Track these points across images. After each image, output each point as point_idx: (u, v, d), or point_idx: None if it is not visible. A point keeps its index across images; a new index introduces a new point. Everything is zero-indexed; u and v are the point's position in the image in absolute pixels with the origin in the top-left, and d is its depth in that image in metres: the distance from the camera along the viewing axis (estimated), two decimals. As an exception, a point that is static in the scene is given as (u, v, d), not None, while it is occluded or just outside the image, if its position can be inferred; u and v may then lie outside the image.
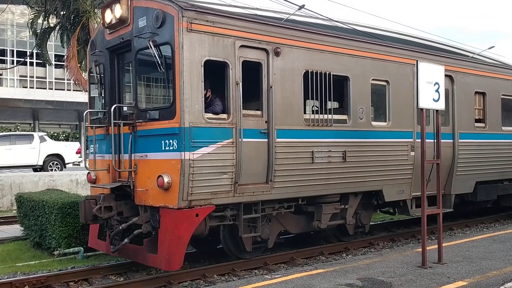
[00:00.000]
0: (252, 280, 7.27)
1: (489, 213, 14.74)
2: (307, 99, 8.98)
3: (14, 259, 10.11)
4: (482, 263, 7.87)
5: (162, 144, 7.61)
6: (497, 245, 9.35)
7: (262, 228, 8.70)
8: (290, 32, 8.69)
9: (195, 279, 8.25)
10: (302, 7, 22.45)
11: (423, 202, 7.94)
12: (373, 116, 10.07)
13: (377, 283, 6.75)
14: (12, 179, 17.87)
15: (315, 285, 6.66)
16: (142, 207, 8.07)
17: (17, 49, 50.77)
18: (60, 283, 8.21)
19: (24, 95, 48.08)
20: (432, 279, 6.92)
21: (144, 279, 8.08)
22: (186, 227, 7.47)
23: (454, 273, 7.22)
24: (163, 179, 7.42)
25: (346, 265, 7.91)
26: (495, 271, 7.33)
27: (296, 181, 8.73)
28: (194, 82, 7.45)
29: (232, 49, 7.90)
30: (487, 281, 6.78)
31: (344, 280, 6.89)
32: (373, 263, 8.00)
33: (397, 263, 7.91)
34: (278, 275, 7.47)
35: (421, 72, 7.56)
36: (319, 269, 7.65)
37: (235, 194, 7.93)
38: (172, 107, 7.48)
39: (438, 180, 8.35)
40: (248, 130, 8.09)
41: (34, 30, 19.76)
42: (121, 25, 8.36)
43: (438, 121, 8.41)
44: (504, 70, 13.60)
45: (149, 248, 7.90)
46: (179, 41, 7.35)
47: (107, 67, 8.86)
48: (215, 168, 7.66)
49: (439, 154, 8.55)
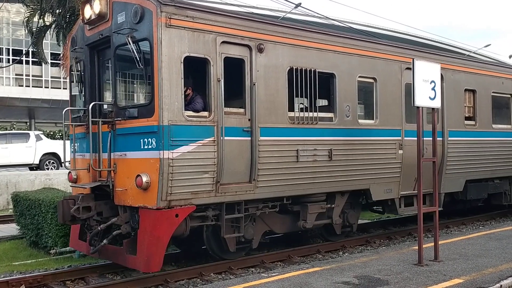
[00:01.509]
0: (249, 278, 7.24)
1: (480, 211, 14.61)
2: (292, 96, 8.80)
3: (10, 258, 10.10)
4: (478, 260, 7.86)
5: (141, 142, 7.42)
6: (493, 243, 9.34)
7: (246, 228, 8.54)
8: (273, 28, 8.51)
9: (192, 278, 8.21)
10: (299, 5, 22.34)
11: (419, 200, 7.90)
12: (360, 114, 9.92)
13: (373, 281, 6.75)
14: (8, 178, 17.90)
15: (312, 283, 6.65)
16: (122, 207, 7.89)
17: (12, 48, 50.46)
18: (57, 282, 8.15)
19: (20, 93, 47.79)
20: (429, 276, 6.92)
21: (141, 278, 7.99)
22: (165, 228, 7.29)
23: (450, 271, 7.20)
24: (142, 179, 7.23)
25: (342, 263, 7.89)
26: (491, 269, 7.34)
27: (281, 180, 8.56)
28: (173, 79, 7.27)
29: (213, 45, 7.72)
30: (483, 279, 6.80)
31: (341, 278, 6.89)
32: (370, 261, 7.98)
33: (394, 261, 7.90)
34: (275, 273, 7.44)
35: (417, 70, 7.50)
36: (316, 267, 7.63)
37: (216, 194, 7.75)
38: (150, 104, 7.29)
39: (435, 178, 8.36)
40: (230, 128, 7.91)
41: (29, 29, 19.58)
42: (100, 20, 8.16)
43: (435, 119, 8.35)
44: (494, 67, 13.45)
45: (128, 249, 7.72)
46: (158, 37, 7.16)
47: (87, 64, 8.66)
48: (195, 167, 7.48)
49: (435, 152, 8.46)
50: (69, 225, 8.60)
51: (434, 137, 8.39)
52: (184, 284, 7.99)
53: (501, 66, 14.48)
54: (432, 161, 8.39)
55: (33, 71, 51.24)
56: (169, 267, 8.79)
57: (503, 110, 13.57)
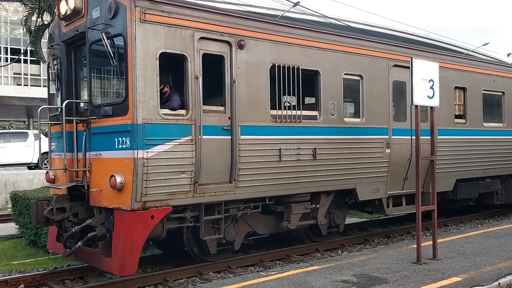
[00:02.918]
0: (248, 277, 7.19)
1: (472, 211, 14.43)
2: (274, 94, 8.57)
3: (9, 257, 10.04)
4: (477, 258, 7.83)
5: (115, 142, 7.19)
6: (491, 241, 9.30)
7: (227, 229, 8.32)
8: (254, 24, 8.28)
9: (191, 277, 8.18)
10: (297, 4, 22.15)
11: (418, 199, 7.81)
12: (345, 112, 9.69)
13: (372, 279, 6.72)
14: (7, 177, 17.81)
15: (310, 282, 6.61)
16: (97, 208, 7.66)
17: (11, 47, 50.26)
18: (56, 281, 8.10)
19: (18, 92, 47.60)
20: (427, 275, 6.90)
21: (140, 277, 7.93)
22: (140, 230, 7.06)
23: (448, 269, 7.18)
24: (116, 179, 7.01)
25: (341, 261, 7.86)
26: (489, 267, 7.32)
27: (263, 180, 8.33)
28: (148, 75, 7.03)
29: (191, 41, 7.48)
30: (481, 277, 6.78)
31: (340, 277, 6.86)
32: (368, 259, 7.94)
33: (392, 259, 7.88)
34: (274, 272, 7.40)
35: (415, 69, 7.45)
36: (315, 265, 7.61)
37: (195, 195, 7.52)
38: (125, 102, 7.06)
39: (433, 176, 8.25)
40: (209, 126, 7.68)
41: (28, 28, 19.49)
42: (76, 16, 7.93)
43: (433, 118, 8.24)
44: (485, 64, 13.24)
45: (104, 251, 7.48)
46: (132, 33, 6.93)
47: (64, 61, 8.42)
48: (172, 167, 7.25)
49: (433, 151, 8.33)
50: (43, 226, 8.35)
51: (433, 136, 8.32)
52: (183, 283, 7.95)
53: (493, 63, 14.27)
54: (430, 160, 8.32)
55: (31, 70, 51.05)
56: (168, 266, 8.66)
57: (494, 108, 13.36)
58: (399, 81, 10.67)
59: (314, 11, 24.83)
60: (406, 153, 10.68)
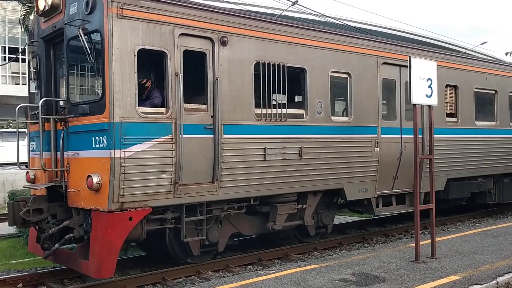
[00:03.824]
0: (247, 276, 7.16)
1: (464, 211, 14.28)
2: (259, 92, 8.38)
3: (8, 256, 9.97)
4: (475, 257, 7.84)
5: (92, 141, 6.99)
6: (489, 240, 9.29)
7: (210, 230, 8.13)
8: (238, 20, 8.08)
9: (189, 276, 8.15)
10: (296, 3, 22.00)
11: (416, 198, 7.76)
12: (333, 111, 9.48)
13: (370, 278, 6.72)
14: (5, 176, 17.81)
15: (309, 281, 6.60)
16: (75, 209, 7.46)
17: (9, 46, 49.90)
18: (54, 280, 8.05)
19: (16, 91, 47.18)
20: (425, 273, 6.89)
21: (138, 276, 7.89)
22: (117, 232, 6.86)
23: (447, 268, 7.18)
24: (92, 180, 6.81)
25: (340, 260, 7.85)
26: (488, 265, 7.31)
27: (247, 180, 8.14)
28: (125, 73, 6.83)
29: (171, 38, 7.28)
30: (479, 275, 6.78)
31: (338, 275, 6.85)
32: (367, 258, 7.93)
33: (391, 258, 7.87)
34: (272, 270, 7.38)
35: (413, 68, 7.46)
36: (313, 264, 7.59)
37: (175, 195, 7.32)
38: (101, 100, 6.86)
39: (431, 175, 8.20)
40: (190, 125, 7.48)
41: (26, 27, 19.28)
42: (54, 12, 7.73)
43: (431, 116, 8.15)
44: (477, 62, 13.06)
45: (82, 254, 7.28)
46: (108, 28, 6.73)
47: (43, 58, 8.22)
48: (151, 167, 7.05)
49: (432, 149, 8.20)
50: (21, 228, 8.15)
51: (431, 135, 8.18)
52: (181, 282, 7.89)
53: (485, 61, 14.08)
54: (429, 159, 8.28)
55: (30, 69, 50.64)
56: (167, 265, 8.56)
57: (486, 106, 13.18)
58: (389, 79, 10.49)
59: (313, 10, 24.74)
60: (396, 152, 10.51)
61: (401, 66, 10.69)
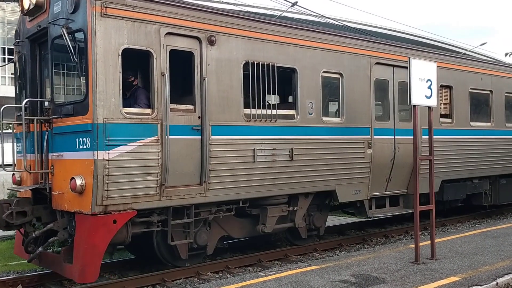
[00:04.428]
0: (246, 277, 7.13)
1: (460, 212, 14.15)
2: (248, 92, 8.24)
3: (7, 258, 9.97)
4: (475, 258, 7.83)
5: (76, 142, 6.85)
6: (489, 241, 9.28)
7: (198, 233, 7.98)
8: (226, 19, 7.94)
9: (189, 277, 8.13)
10: (295, 4, 21.92)
11: (416, 199, 7.75)
12: (324, 111, 9.34)
13: (370, 279, 6.70)
14: (4, 177, 17.49)
15: (309, 282, 6.59)
16: (59, 212, 7.31)
17: (8, 47, 49.77)
18: (54, 281, 8.01)
19: (15, 93, 47.01)
20: (425, 274, 6.89)
21: (138, 277, 7.86)
22: (101, 235, 6.71)
23: (447, 269, 7.17)
24: (76, 182, 6.67)
25: (339, 261, 7.85)
26: (487, 266, 7.31)
27: (235, 182, 7.99)
28: (109, 72, 6.69)
29: (157, 37, 7.14)
30: (479, 276, 6.77)
31: (338, 277, 6.84)
32: (367, 259, 7.92)
33: (390, 259, 7.87)
34: (272, 272, 7.36)
35: (413, 69, 7.45)
36: (313, 265, 7.59)
37: (161, 198, 7.18)
38: (85, 101, 6.71)
39: (431, 176, 8.16)
40: (177, 126, 7.34)
41: None
42: (38, 11, 7.60)
43: (431, 117, 8.11)
44: (472, 62, 12.92)
45: (66, 257, 7.13)
46: (92, 27, 6.58)
47: (28, 58, 8.09)
48: (136, 169, 6.90)
49: (431, 150, 8.13)
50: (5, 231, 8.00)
51: (431, 136, 8.10)
52: (181, 283, 7.87)
53: (480, 61, 13.94)
54: (429, 160, 8.20)
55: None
56: (166, 267, 8.47)
57: (482, 107, 13.04)
58: (382, 79, 10.36)
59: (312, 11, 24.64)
60: (389, 153, 10.37)
61: (395, 66, 10.58)
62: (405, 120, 10.92)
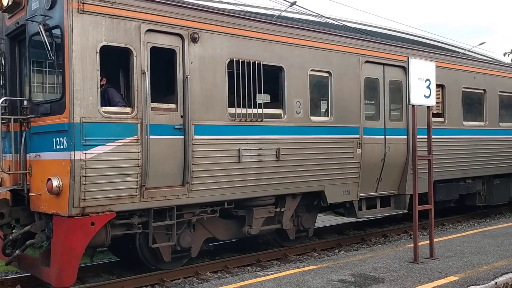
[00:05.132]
0: (245, 277, 7.11)
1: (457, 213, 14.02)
2: (233, 91, 8.06)
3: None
4: (474, 258, 7.82)
5: (53, 142, 6.66)
6: (488, 240, 9.26)
7: (182, 235, 7.81)
8: (210, 16, 7.75)
9: (188, 277, 8.14)
10: (294, 3, 21.80)
11: (415, 199, 7.70)
12: (312, 111, 9.15)
13: (369, 278, 6.69)
14: None
15: (308, 281, 6.59)
16: (37, 214, 7.13)
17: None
18: None
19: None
20: (424, 274, 6.88)
21: (137, 277, 7.80)
22: (79, 238, 6.53)
23: (445, 268, 7.17)
24: (52, 183, 6.48)
25: (338, 261, 7.84)
26: (486, 266, 7.30)
27: (220, 182, 7.81)
28: (87, 70, 6.50)
29: (137, 34, 6.96)
30: (478, 276, 6.76)
31: (337, 276, 6.83)
32: (366, 259, 7.92)
33: (389, 259, 7.86)
34: (271, 271, 7.35)
35: (412, 69, 7.47)
36: (312, 265, 7.58)
37: (142, 199, 6.99)
38: (62, 100, 6.53)
39: (430, 176, 8.09)
40: (158, 126, 7.15)
41: None
42: (16, 8, 7.42)
43: (429, 116, 8.06)
44: (465, 61, 12.74)
45: (44, 260, 6.96)
46: (68, 24, 6.40)
47: (8, 56, 7.90)
48: (114, 169, 6.71)
49: (430, 150, 8.04)
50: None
51: (430, 135, 7.97)
52: (180, 283, 7.87)
53: (473, 60, 13.78)
54: (428, 159, 8.18)
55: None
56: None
57: (475, 106, 12.87)
58: (372, 78, 10.18)
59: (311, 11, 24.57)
60: (379, 153, 10.20)
61: (385, 64, 10.40)
62: (396, 120, 10.75)
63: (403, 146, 10.71)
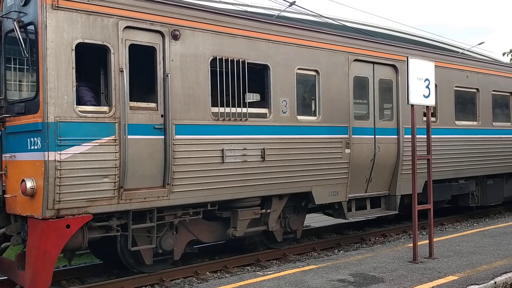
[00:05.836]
0: (245, 276, 7.10)
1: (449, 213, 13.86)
2: (216, 90, 7.86)
3: None
4: (473, 257, 7.82)
5: (28, 142, 6.47)
6: (487, 240, 9.27)
7: (163, 238, 7.62)
8: (191, 13, 7.56)
9: (187, 277, 8.13)
10: (293, 3, 21.66)
11: (414, 199, 7.68)
12: (299, 110, 8.95)
13: (368, 278, 6.70)
14: None
15: (307, 281, 6.59)
16: (13, 216, 6.93)
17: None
18: (52, 282, 7.51)
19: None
20: (423, 274, 6.88)
21: (136, 277, 7.77)
22: (53, 241, 6.33)
23: (445, 268, 7.17)
24: (26, 184, 6.29)
25: (338, 260, 7.85)
26: (486, 265, 7.31)
27: (202, 183, 7.62)
28: (62, 68, 6.30)
29: (115, 31, 6.76)
30: (477, 275, 6.76)
31: (336, 276, 6.83)
32: (365, 258, 7.92)
33: (389, 258, 7.86)
34: (271, 271, 7.35)
35: (411, 68, 7.46)
36: (311, 265, 7.57)
37: (120, 201, 6.80)
38: (36, 98, 6.33)
39: (429, 176, 8.08)
40: (137, 125, 6.96)
41: None
42: (-8, 4, 7.20)
43: (429, 116, 8.06)
44: (457, 59, 12.55)
45: (19, 264, 6.76)
46: (42, 21, 6.20)
47: (-15, 54, 7.68)
48: (91, 170, 6.52)
49: (429, 150, 7.99)
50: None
51: (429, 135, 7.96)
52: (179, 283, 7.86)
53: (466, 58, 13.59)
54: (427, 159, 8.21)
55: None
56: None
57: (468, 106, 12.68)
58: (361, 77, 9.99)
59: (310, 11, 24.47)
60: (369, 153, 10.01)
61: (375, 63, 10.21)
62: (387, 119, 10.57)
63: (394, 146, 10.52)
